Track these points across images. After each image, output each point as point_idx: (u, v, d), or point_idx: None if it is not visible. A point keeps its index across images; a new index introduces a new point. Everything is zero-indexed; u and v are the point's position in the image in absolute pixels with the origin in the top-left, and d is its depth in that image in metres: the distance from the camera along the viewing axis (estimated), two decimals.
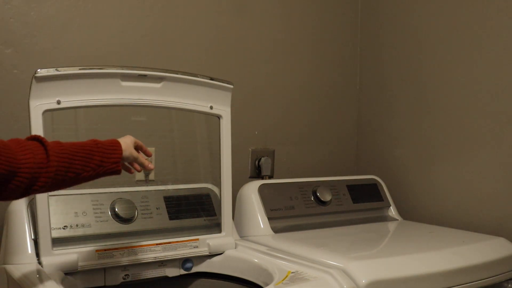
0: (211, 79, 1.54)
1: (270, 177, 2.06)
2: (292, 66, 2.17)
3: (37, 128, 1.28)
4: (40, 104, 1.28)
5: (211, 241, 1.55)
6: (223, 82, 1.56)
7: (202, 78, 1.52)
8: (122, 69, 1.40)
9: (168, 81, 1.47)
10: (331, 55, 2.27)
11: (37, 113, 1.28)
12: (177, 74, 1.48)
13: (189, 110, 1.53)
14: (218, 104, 1.56)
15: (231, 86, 1.57)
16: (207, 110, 1.54)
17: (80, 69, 1.34)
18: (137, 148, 1.25)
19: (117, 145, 1.17)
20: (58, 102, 1.31)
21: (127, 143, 1.20)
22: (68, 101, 1.33)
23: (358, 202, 1.96)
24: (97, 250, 1.38)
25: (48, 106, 1.29)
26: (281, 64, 2.14)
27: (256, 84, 2.08)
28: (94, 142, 1.14)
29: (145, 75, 1.43)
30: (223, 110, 1.57)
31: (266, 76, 2.10)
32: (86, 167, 1.10)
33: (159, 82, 1.46)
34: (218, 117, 1.57)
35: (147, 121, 1.81)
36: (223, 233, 1.58)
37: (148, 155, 1.28)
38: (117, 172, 1.17)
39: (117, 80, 1.40)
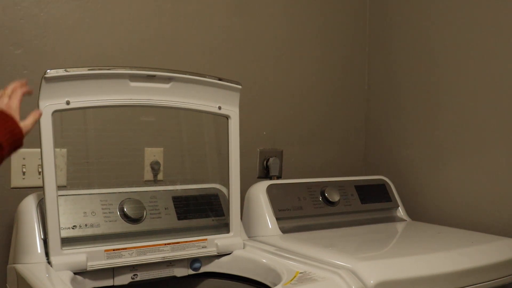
0: (220, 79, 1.54)
1: (278, 177, 2.06)
2: (301, 66, 2.17)
3: (46, 129, 1.29)
4: (49, 104, 1.29)
5: (219, 241, 1.55)
6: (231, 83, 1.56)
7: (211, 78, 1.52)
8: (131, 70, 1.41)
9: (176, 81, 1.47)
10: (339, 55, 2.27)
11: (47, 114, 1.29)
12: (185, 74, 1.49)
13: (197, 111, 1.53)
14: (227, 104, 1.56)
15: (240, 87, 1.57)
16: (216, 110, 1.55)
17: (89, 69, 1.34)
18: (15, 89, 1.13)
19: (18, 134, 1.06)
20: (68, 103, 1.32)
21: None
22: (78, 101, 1.33)
23: (367, 202, 1.95)
24: (106, 250, 1.39)
25: (57, 107, 1.30)
26: (289, 64, 2.14)
27: (264, 84, 2.08)
28: None
29: (153, 76, 1.44)
30: (232, 110, 1.57)
31: (274, 76, 2.10)
32: None
33: (168, 83, 1.47)
34: (227, 117, 1.57)
35: (155, 121, 1.82)
36: (231, 233, 1.58)
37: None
38: (21, 146, 1.08)
39: (126, 81, 1.40)
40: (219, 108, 1.55)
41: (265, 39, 2.07)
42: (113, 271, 1.42)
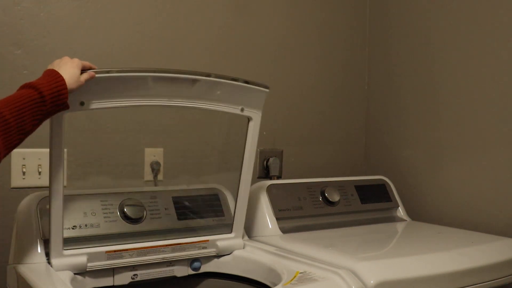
0: (246, 82, 1.49)
1: (279, 177, 2.06)
2: (301, 66, 2.17)
3: (57, 130, 1.24)
4: None
5: (219, 241, 1.55)
6: (258, 86, 1.52)
7: (237, 81, 1.47)
8: (154, 73, 1.34)
9: (201, 84, 1.41)
10: (340, 55, 2.27)
11: (59, 115, 1.22)
12: (210, 77, 1.42)
13: (219, 111, 1.48)
14: (250, 106, 1.52)
15: (267, 90, 1.53)
16: (238, 112, 1.50)
17: (106, 71, 1.28)
18: (85, 67, 1.24)
19: (62, 86, 1.13)
20: (82, 104, 1.26)
21: (70, 73, 1.17)
22: (93, 102, 1.28)
23: (367, 202, 1.95)
24: (107, 251, 1.39)
25: (71, 108, 1.22)
26: (290, 64, 2.14)
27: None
28: (37, 92, 1.09)
29: (176, 78, 1.37)
30: (255, 112, 1.53)
31: (275, 76, 2.10)
32: (34, 121, 1.09)
33: (192, 85, 1.40)
34: (248, 119, 1.53)
35: (155, 121, 1.82)
36: (232, 234, 1.58)
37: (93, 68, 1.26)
38: (66, 108, 1.17)
39: (147, 82, 1.34)
40: (242, 110, 1.51)
41: (266, 39, 2.07)
42: (113, 271, 1.42)
